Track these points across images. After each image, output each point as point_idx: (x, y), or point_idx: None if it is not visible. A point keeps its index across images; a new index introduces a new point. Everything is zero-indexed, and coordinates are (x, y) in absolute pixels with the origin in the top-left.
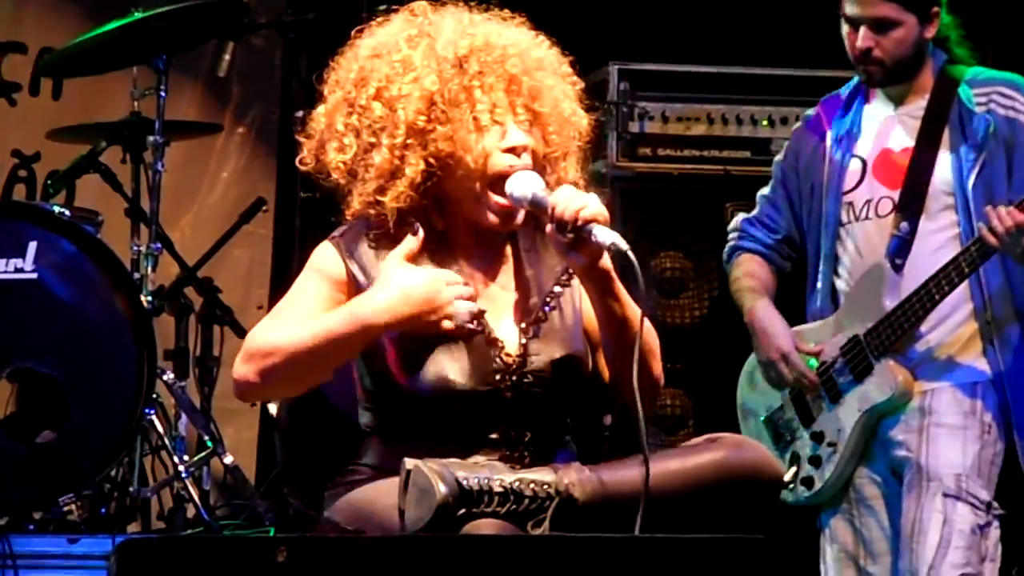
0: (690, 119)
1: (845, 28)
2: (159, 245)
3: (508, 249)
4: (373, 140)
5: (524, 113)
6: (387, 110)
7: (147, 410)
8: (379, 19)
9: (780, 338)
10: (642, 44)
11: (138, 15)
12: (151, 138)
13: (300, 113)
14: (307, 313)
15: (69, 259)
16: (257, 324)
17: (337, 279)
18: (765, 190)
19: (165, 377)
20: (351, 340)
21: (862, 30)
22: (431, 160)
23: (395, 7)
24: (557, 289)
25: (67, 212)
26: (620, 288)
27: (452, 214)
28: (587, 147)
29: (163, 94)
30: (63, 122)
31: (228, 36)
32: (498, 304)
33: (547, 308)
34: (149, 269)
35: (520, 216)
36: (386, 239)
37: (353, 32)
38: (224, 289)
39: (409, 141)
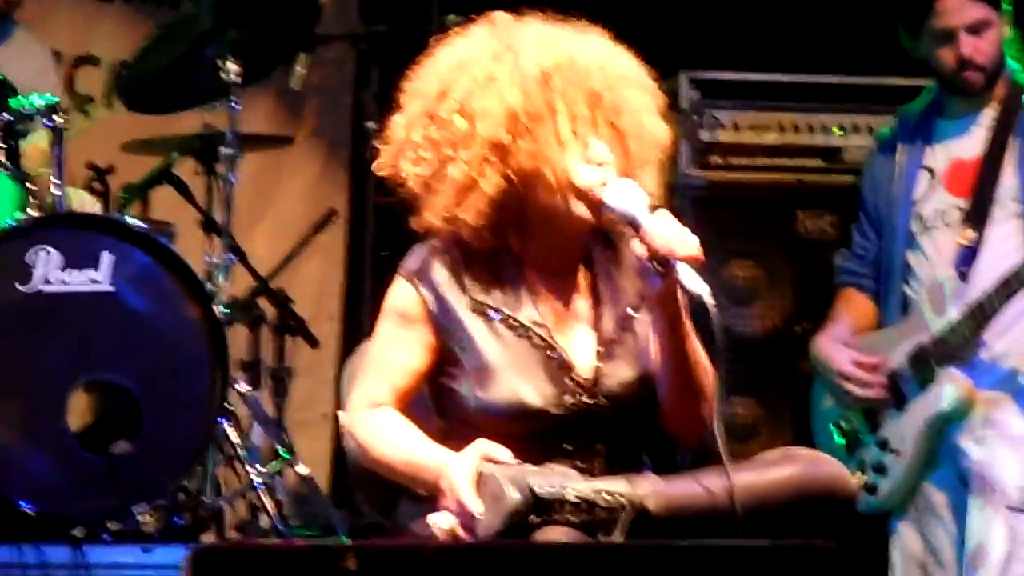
0: (761, 127)
1: (935, 44)
2: (232, 256)
3: (582, 273)
4: (451, 153)
5: (605, 127)
6: (468, 124)
7: (220, 420)
8: (458, 30)
9: (836, 361)
10: (713, 53)
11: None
12: (223, 150)
13: (372, 124)
14: (397, 370)
15: (143, 270)
16: (354, 388)
17: (415, 316)
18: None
19: (238, 387)
20: (426, 483)
21: (961, 37)
22: (511, 176)
23: (471, 16)
24: (631, 312)
25: (141, 224)
26: (688, 325)
27: (530, 235)
28: (667, 158)
29: (235, 106)
30: (136, 134)
31: (301, 48)
32: (573, 326)
33: (621, 331)
34: (222, 280)
35: None
36: (458, 261)
37: (432, 42)
38: (296, 299)
39: (489, 156)
